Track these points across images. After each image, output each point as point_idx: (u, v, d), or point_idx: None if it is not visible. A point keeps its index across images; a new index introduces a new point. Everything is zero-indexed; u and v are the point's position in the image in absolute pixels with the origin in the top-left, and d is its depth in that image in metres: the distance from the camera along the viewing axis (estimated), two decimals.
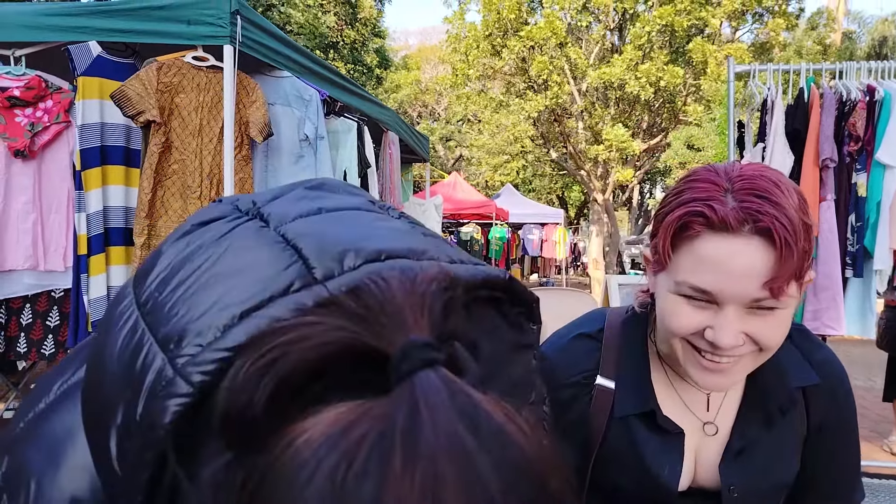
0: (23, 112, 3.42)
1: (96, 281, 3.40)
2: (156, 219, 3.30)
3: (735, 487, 0.84)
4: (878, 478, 3.60)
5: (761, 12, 15.58)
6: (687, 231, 0.74)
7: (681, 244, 0.75)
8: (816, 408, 0.90)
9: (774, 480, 0.87)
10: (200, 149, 3.33)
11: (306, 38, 16.40)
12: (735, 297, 0.72)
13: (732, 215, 0.70)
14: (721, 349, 0.74)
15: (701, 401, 0.89)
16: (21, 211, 3.56)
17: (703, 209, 0.72)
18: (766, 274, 0.70)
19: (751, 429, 0.86)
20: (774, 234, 0.69)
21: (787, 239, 0.69)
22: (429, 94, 29.27)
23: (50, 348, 3.86)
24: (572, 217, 28.02)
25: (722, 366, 0.76)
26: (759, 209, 0.70)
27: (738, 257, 0.70)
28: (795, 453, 0.89)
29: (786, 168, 3.07)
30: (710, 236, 0.72)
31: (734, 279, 0.71)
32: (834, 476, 0.94)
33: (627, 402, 0.87)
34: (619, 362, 0.88)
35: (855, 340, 4.32)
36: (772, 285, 0.70)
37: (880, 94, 3.05)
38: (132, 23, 3.17)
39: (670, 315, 0.78)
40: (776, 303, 0.72)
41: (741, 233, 0.70)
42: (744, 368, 0.77)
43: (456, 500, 0.22)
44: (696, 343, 0.77)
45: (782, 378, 0.86)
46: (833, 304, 3.00)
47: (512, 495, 0.24)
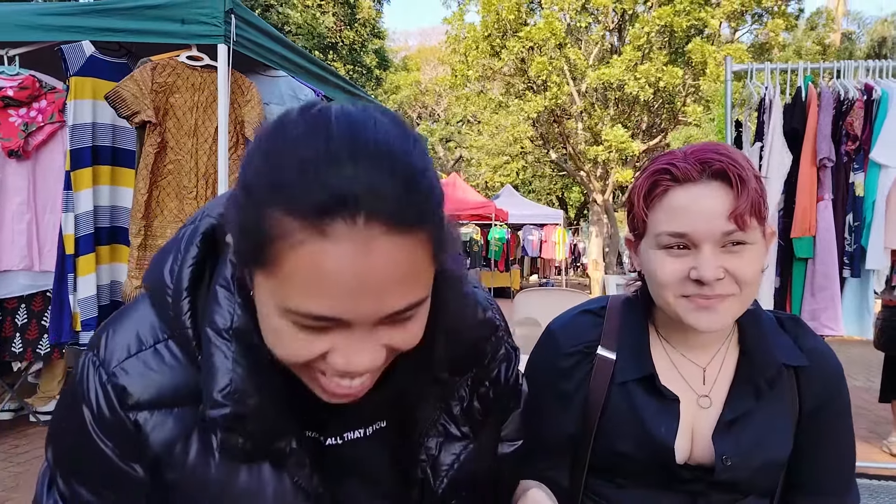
0: (17, 112, 3.41)
1: (85, 281, 3.37)
2: (151, 219, 3.28)
3: (728, 457, 0.89)
4: (877, 479, 3.58)
5: (760, 13, 15.57)
6: (657, 189, 0.87)
7: (653, 203, 0.88)
8: (809, 392, 0.95)
9: (768, 455, 0.91)
10: (196, 149, 3.31)
11: (305, 39, 16.40)
12: (708, 234, 0.83)
13: (692, 167, 0.85)
14: (706, 281, 0.83)
15: (697, 375, 0.95)
16: (16, 212, 3.54)
17: (667, 167, 0.86)
18: (728, 207, 0.82)
19: (742, 401, 0.92)
20: (728, 173, 0.83)
21: (741, 175, 0.83)
22: (428, 95, 29.27)
23: (45, 348, 3.84)
24: (572, 218, 28.01)
25: (711, 302, 0.85)
26: (712, 158, 0.85)
27: (703, 200, 0.84)
28: (788, 432, 0.94)
29: (784, 167, 3.05)
30: (677, 189, 0.86)
31: (703, 218, 0.83)
32: (830, 469, 0.97)
33: (628, 368, 0.94)
34: (620, 335, 0.96)
35: (854, 341, 4.31)
36: (735, 216, 0.82)
37: (878, 94, 3.03)
38: (126, 22, 3.16)
39: (657, 269, 0.88)
40: (744, 236, 0.83)
41: (701, 180, 0.84)
42: (730, 309, 0.86)
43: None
44: (686, 291, 0.86)
45: (770, 354, 0.93)
46: (831, 304, 2.99)
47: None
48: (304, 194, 0.49)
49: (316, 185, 0.49)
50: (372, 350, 0.55)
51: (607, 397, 0.94)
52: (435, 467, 0.71)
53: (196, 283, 0.63)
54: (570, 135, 16.81)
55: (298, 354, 0.55)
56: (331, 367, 0.55)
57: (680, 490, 0.93)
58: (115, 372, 0.61)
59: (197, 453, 0.61)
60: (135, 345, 0.62)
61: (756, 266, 0.86)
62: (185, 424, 0.61)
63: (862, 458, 3.90)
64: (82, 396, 0.61)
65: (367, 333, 0.55)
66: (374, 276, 0.51)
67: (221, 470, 0.61)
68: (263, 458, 0.62)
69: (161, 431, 0.60)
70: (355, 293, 0.51)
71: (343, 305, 0.52)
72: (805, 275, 3.07)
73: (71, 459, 0.64)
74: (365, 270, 0.50)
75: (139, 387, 0.60)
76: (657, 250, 0.88)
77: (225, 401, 0.58)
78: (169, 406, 0.61)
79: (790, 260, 3.10)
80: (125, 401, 0.60)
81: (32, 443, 3.80)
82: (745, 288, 0.86)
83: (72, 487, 0.63)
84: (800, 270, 3.09)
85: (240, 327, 0.59)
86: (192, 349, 0.61)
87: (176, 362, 0.62)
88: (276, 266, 0.51)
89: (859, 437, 4.15)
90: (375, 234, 0.50)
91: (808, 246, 3.00)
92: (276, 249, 0.51)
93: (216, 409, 0.58)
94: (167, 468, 0.61)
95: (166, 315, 0.63)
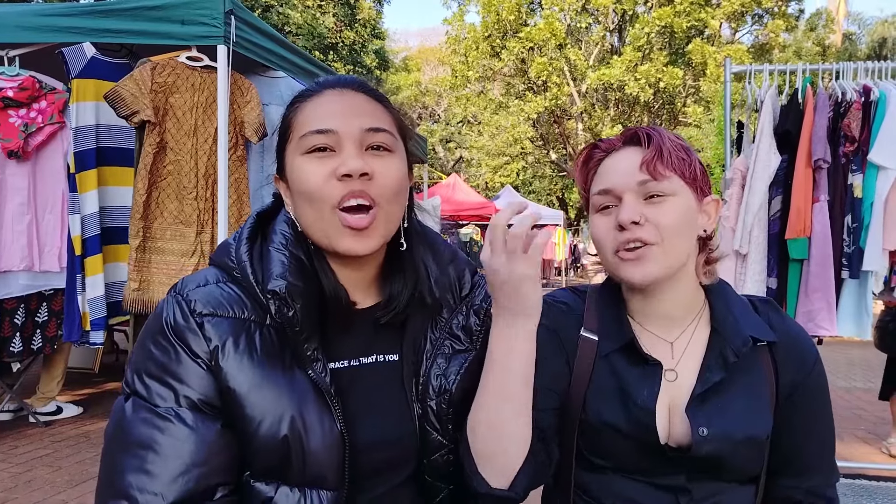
0: (17, 113, 3.42)
1: (93, 281, 3.39)
2: (151, 220, 3.28)
3: (705, 429, 0.92)
4: (876, 480, 3.58)
5: (761, 14, 15.58)
6: (591, 161, 1.03)
7: (590, 176, 1.02)
8: (786, 370, 0.99)
9: (747, 430, 0.94)
10: (195, 149, 3.32)
11: (305, 39, 16.40)
12: (626, 185, 0.95)
13: (616, 138, 1.02)
14: (624, 225, 0.93)
15: (666, 350, 1.00)
16: (16, 212, 3.55)
17: (597, 143, 1.03)
18: (641, 160, 0.95)
19: (710, 374, 0.96)
20: (639, 134, 0.97)
21: (650, 134, 0.96)
22: (429, 96, 29.28)
23: (38, 342, 3.86)
24: (572, 218, 28.00)
25: (638, 252, 0.94)
26: (630, 129, 1.00)
27: (622, 160, 0.98)
28: (766, 408, 0.97)
29: (771, 167, 3.04)
30: (606, 159, 1.01)
31: (621, 173, 0.97)
32: (813, 447, 1.01)
33: (609, 341, 1.01)
34: (599, 316, 1.05)
35: (854, 342, 4.31)
36: (647, 165, 0.94)
37: (876, 95, 3.03)
38: (126, 23, 3.17)
39: (596, 231, 1.00)
40: (659, 186, 0.94)
41: (622, 147, 0.99)
42: (656, 258, 0.94)
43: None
44: (616, 244, 0.95)
45: (736, 327, 0.99)
46: (825, 305, 2.98)
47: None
48: (309, 91, 0.90)
49: (317, 84, 0.91)
50: (361, 161, 0.83)
51: (592, 371, 1.00)
52: (447, 374, 0.91)
53: (252, 238, 0.90)
54: (571, 135, 16.81)
55: (316, 175, 0.83)
56: (338, 173, 0.82)
57: (663, 483, 0.95)
58: (187, 294, 0.85)
59: (243, 349, 0.82)
60: (202, 281, 0.87)
61: (677, 216, 0.94)
62: (234, 329, 0.83)
63: (861, 459, 3.90)
64: (161, 313, 0.84)
65: (356, 151, 0.84)
66: (346, 104, 0.86)
67: (262, 364, 0.82)
68: (295, 358, 0.84)
69: (219, 329, 0.82)
70: (338, 113, 0.85)
71: (333, 120, 0.84)
72: (800, 276, 3.08)
73: (150, 361, 0.82)
74: (342, 102, 0.87)
75: (203, 301, 0.84)
76: (594, 214, 1.01)
77: (281, 278, 0.82)
78: (223, 316, 0.83)
79: (785, 261, 3.10)
80: (193, 309, 0.83)
81: (32, 444, 3.80)
82: (668, 237, 0.93)
83: (147, 385, 0.81)
84: (795, 272, 3.09)
85: (290, 247, 0.87)
86: (249, 280, 0.85)
87: (231, 292, 0.86)
88: (294, 126, 0.87)
89: (859, 439, 4.16)
90: (347, 91, 0.88)
91: (804, 247, 3.00)
92: (294, 118, 0.88)
93: (276, 282, 0.82)
94: (222, 358, 0.81)
95: (227, 266, 0.88)
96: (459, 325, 0.96)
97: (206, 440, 0.79)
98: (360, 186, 0.83)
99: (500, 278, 0.82)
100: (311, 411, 0.82)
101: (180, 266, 3.31)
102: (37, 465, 3.45)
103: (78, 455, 3.62)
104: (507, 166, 20.77)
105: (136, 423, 0.79)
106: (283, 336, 0.84)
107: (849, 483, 3.43)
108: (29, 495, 3.06)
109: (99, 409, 4.56)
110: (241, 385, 0.80)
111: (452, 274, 0.99)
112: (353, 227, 0.83)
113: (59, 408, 4.33)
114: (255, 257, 0.87)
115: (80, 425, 4.19)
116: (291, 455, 0.81)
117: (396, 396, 0.91)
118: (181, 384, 0.80)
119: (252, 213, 0.94)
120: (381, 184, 0.85)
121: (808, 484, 1.00)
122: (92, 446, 3.77)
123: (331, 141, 0.84)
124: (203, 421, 0.80)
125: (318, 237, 0.87)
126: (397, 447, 0.90)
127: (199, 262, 3.32)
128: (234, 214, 3.33)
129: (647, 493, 0.96)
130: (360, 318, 0.92)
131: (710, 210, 1.00)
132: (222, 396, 0.81)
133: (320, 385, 0.83)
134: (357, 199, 0.83)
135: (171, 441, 0.78)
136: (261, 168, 3.71)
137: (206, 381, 0.81)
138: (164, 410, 0.79)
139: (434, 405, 0.90)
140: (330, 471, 0.82)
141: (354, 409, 0.86)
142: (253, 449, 0.81)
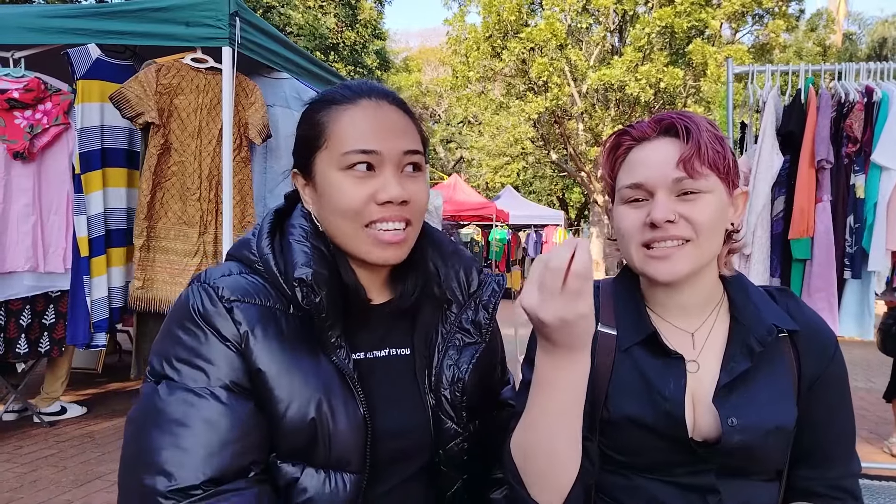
0: (22, 114, 3.43)
1: (98, 282, 3.39)
2: (155, 220, 3.29)
3: (733, 419, 0.89)
4: (878, 480, 3.58)
5: (761, 14, 15.58)
6: (619, 149, 0.98)
7: (617, 164, 0.98)
8: (808, 360, 0.96)
9: (776, 420, 0.91)
10: (200, 150, 3.32)
11: (306, 40, 16.41)
12: (660, 181, 0.91)
13: (648, 126, 0.96)
14: (658, 223, 0.89)
15: (686, 342, 0.98)
16: (21, 213, 3.56)
17: (627, 129, 0.98)
18: (678, 156, 0.90)
19: (736, 364, 0.93)
20: (676, 125, 0.92)
21: (689, 127, 0.91)
22: (430, 96, 29.27)
23: (45, 345, 3.87)
24: (573, 219, 28.00)
25: (668, 251, 0.91)
26: (664, 116, 0.95)
27: (656, 153, 0.93)
28: (791, 396, 0.94)
29: (773, 168, 3.05)
30: (636, 148, 0.96)
31: (655, 167, 0.92)
32: (835, 437, 0.98)
33: (629, 334, 0.98)
34: (616, 310, 1.02)
35: (856, 342, 4.31)
36: (684, 163, 0.89)
37: (878, 96, 3.03)
38: (131, 25, 3.18)
39: (620, 222, 0.96)
40: (695, 184, 0.90)
41: (655, 136, 0.94)
42: (686, 256, 0.91)
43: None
44: (644, 238, 0.92)
45: (759, 316, 0.96)
46: (827, 305, 2.99)
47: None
48: (342, 96, 0.89)
49: (348, 90, 0.91)
50: (400, 186, 0.85)
51: (614, 366, 0.97)
52: (459, 364, 0.94)
53: (273, 233, 0.91)
54: (571, 136, 16.82)
55: (356, 197, 0.85)
56: (378, 199, 0.84)
57: (690, 482, 0.92)
58: (213, 282, 0.86)
59: (273, 334, 0.84)
60: (226, 272, 0.89)
61: (711, 212, 0.91)
62: (261, 315, 0.84)
63: (863, 458, 3.87)
64: (187, 300, 0.85)
65: (395, 175, 0.86)
66: (387, 122, 0.87)
67: (289, 349, 0.84)
68: (319, 344, 0.86)
69: (247, 314, 0.83)
70: (377, 131, 0.86)
71: (376, 140, 0.85)
72: (803, 276, 3.08)
73: (179, 346, 0.83)
74: (380, 118, 0.87)
75: (231, 288, 0.85)
76: (621, 205, 0.97)
77: (306, 266, 0.84)
78: (250, 302, 0.85)
79: (788, 261, 3.11)
80: (222, 295, 0.84)
81: (36, 444, 3.82)
82: (703, 234, 0.90)
83: (177, 369, 0.82)
84: (797, 271, 3.09)
85: (311, 240, 0.89)
86: (273, 271, 0.87)
87: (254, 281, 0.88)
88: (331, 135, 0.87)
89: (861, 439, 4.17)
90: (384, 103, 0.89)
91: (806, 247, 3.01)
92: (329, 125, 0.87)
93: (302, 269, 0.83)
94: (252, 341, 0.82)
95: (248, 259, 0.90)
96: (469, 319, 0.98)
97: (240, 417, 0.80)
98: (399, 212, 0.86)
99: (558, 322, 0.71)
100: (336, 395, 0.84)
101: (183, 266, 3.32)
102: (41, 466, 3.46)
103: (82, 455, 3.63)
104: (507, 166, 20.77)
105: (170, 402, 0.79)
106: (307, 324, 0.86)
107: None
108: (34, 495, 3.07)
109: (103, 409, 4.58)
110: (271, 368, 0.82)
111: (460, 271, 1.02)
112: (391, 242, 0.86)
113: (64, 408, 4.34)
114: (276, 250, 0.89)
115: (84, 425, 4.20)
116: (318, 437, 0.83)
117: (409, 388, 0.94)
118: (212, 366, 0.81)
119: (270, 210, 0.96)
120: (417, 206, 0.89)
121: (828, 475, 0.97)
122: (96, 446, 3.78)
123: (373, 160, 0.86)
124: (237, 399, 0.81)
125: (346, 245, 0.89)
126: (411, 438, 0.92)
127: (202, 262, 3.32)
128: (237, 215, 3.34)
129: (673, 494, 0.92)
130: (374, 314, 0.95)
131: (739, 202, 0.98)
132: (252, 379, 0.83)
133: (344, 371, 0.85)
134: (395, 222, 0.86)
135: (207, 417, 0.78)
136: (264, 169, 3.72)
137: (236, 363, 0.82)
138: (199, 389, 0.80)
139: (448, 394, 0.93)
140: (354, 454, 0.84)
141: (370, 399, 0.88)
142: (281, 431, 0.83)
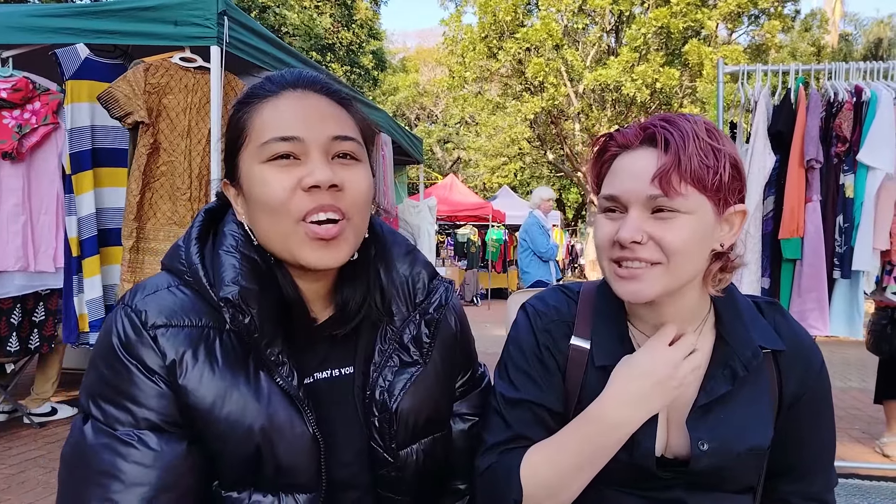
0: (10, 114, 3.41)
1: (91, 282, 3.38)
2: (144, 221, 3.28)
3: (704, 442, 0.87)
4: (869, 479, 3.58)
5: (757, 14, 15.61)
6: (605, 154, 0.91)
7: (604, 170, 0.92)
8: (790, 378, 0.93)
9: (749, 442, 0.89)
10: (189, 150, 3.31)
11: (302, 40, 16.41)
12: (634, 196, 0.84)
13: (631, 133, 0.87)
14: (623, 243, 0.83)
15: None
16: (11, 213, 3.55)
17: (614, 134, 0.90)
18: (654, 171, 0.82)
19: (717, 385, 0.90)
20: (657, 134, 0.83)
21: (668, 138, 0.82)
22: (426, 97, 29.28)
23: (35, 342, 3.87)
24: (569, 219, 28.03)
25: (634, 272, 0.85)
26: (650, 123, 0.86)
27: (635, 164, 0.85)
28: (768, 419, 0.91)
29: (765, 169, 3.05)
30: (621, 156, 0.88)
31: (630, 180, 0.84)
32: (815, 452, 0.97)
33: (605, 352, 0.93)
34: (594, 322, 0.96)
35: (849, 342, 4.32)
36: (660, 179, 0.81)
37: (867, 95, 3.04)
38: (119, 24, 3.16)
39: (596, 232, 0.90)
40: (671, 202, 0.81)
41: (638, 145, 0.86)
42: (656, 279, 0.84)
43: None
44: (613, 255, 0.87)
45: (746, 337, 0.91)
46: (818, 304, 2.99)
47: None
48: (263, 89, 0.82)
49: (270, 83, 0.82)
50: (329, 170, 0.77)
51: (583, 383, 0.93)
52: (391, 390, 0.86)
53: (202, 239, 0.84)
54: (568, 136, 16.84)
55: (280, 186, 0.76)
56: (304, 185, 0.76)
57: (660, 497, 0.91)
58: (136, 304, 0.78)
59: (203, 361, 0.76)
60: (151, 289, 0.81)
61: (686, 236, 0.83)
62: (192, 339, 0.77)
63: (855, 458, 3.91)
64: (111, 329, 0.78)
65: (323, 160, 0.78)
66: (310, 110, 0.80)
67: (227, 373, 0.77)
68: (259, 363, 0.79)
69: (174, 341, 0.76)
70: (300, 119, 0.78)
71: (297, 126, 0.78)
72: (793, 276, 3.08)
73: (102, 384, 0.76)
74: (304, 107, 0.80)
75: (155, 311, 0.77)
76: (600, 214, 0.91)
77: (233, 284, 0.76)
78: (178, 325, 0.77)
79: (778, 261, 3.11)
80: (145, 322, 0.76)
81: (26, 445, 3.80)
82: (674, 258, 0.83)
83: (103, 409, 0.75)
84: (788, 271, 3.09)
85: (242, 249, 0.81)
86: (202, 284, 0.79)
87: (184, 296, 0.80)
88: (251, 130, 0.79)
89: (853, 439, 4.17)
90: (310, 93, 0.81)
91: (796, 247, 3.01)
92: (250, 121, 0.80)
93: (228, 288, 0.76)
94: (180, 374, 0.75)
95: (178, 270, 0.82)
96: (410, 335, 0.90)
97: (172, 463, 0.74)
98: (330, 199, 0.77)
99: (661, 406, 0.85)
100: (280, 418, 0.78)
101: None
102: (30, 467, 3.44)
103: None
104: (504, 167, 20.80)
105: (97, 449, 0.74)
106: (244, 341, 0.79)
107: (842, 482, 3.44)
108: (22, 496, 3.05)
109: None
110: (205, 400, 0.75)
111: (406, 278, 0.93)
112: (322, 236, 0.77)
113: (54, 409, 4.32)
114: (206, 259, 0.82)
115: None
116: (264, 462, 0.77)
117: (350, 411, 0.88)
118: (139, 406, 0.75)
119: (200, 211, 0.88)
120: (352, 196, 0.79)
121: (809, 489, 0.96)
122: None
123: (295, 149, 0.77)
124: (167, 442, 0.75)
125: (277, 250, 0.80)
126: (356, 463, 0.87)
127: None
128: None
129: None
130: (317, 333, 0.88)
131: (734, 221, 0.88)
132: (185, 413, 0.76)
133: (288, 390, 0.79)
134: (327, 212, 0.77)
135: (136, 467, 0.72)
136: None
137: (165, 399, 0.75)
138: (124, 434, 0.74)
139: (377, 422, 0.86)
140: (304, 475, 0.80)
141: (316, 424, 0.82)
142: (223, 463, 0.78)
